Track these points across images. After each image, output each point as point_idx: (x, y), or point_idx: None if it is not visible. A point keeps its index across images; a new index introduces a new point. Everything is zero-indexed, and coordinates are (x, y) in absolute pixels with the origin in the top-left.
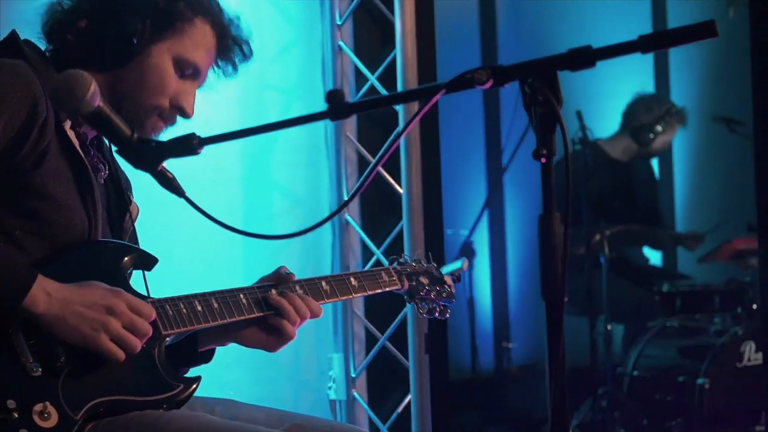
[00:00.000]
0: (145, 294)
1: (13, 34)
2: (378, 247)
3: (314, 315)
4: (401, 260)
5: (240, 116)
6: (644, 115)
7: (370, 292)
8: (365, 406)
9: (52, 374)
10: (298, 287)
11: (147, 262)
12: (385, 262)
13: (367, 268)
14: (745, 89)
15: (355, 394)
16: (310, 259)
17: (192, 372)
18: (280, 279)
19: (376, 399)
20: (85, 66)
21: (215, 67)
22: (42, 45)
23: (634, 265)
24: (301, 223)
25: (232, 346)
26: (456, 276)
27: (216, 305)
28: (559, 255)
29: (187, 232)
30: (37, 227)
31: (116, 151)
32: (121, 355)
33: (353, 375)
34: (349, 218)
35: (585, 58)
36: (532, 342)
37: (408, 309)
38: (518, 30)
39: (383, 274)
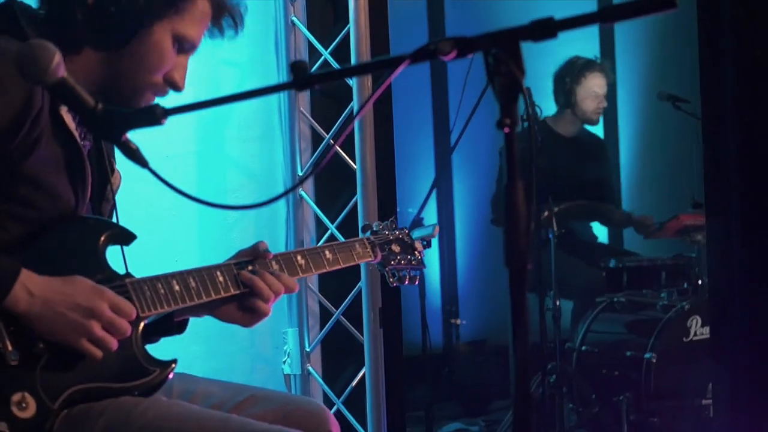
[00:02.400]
0: (124, 270)
1: (10, 4)
2: (332, 222)
3: (289, 290)
4: (374, 228)
5: (194, 91)
6: (560, 80)
7: (345, 265)
8: (320, 380)
9: (29, 363)
10: (274, 263)
11: (125, 237)
12: (340, 236)
13: (321, 243)
14: (690, 67)
15: (310, 368)
16: (265, 233)
17: (166, 354)
18: (256, 255)
19: (331, 373)
20: (89, 45)
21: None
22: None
23: (582, 242)
24: (255, 198)
25: (191, 319)
26: (426, 242)
27: (194, 284)
28: (523, 224)
29: (141, 208)
30: (23, 211)
31: (79, 122)
32: (99, 354)
33: (308, 349)
34: (303, 193)
35: (547, 28)
36: (480, 319)
37: (363, 283)
38: (465, 6)
39: (357, 246)
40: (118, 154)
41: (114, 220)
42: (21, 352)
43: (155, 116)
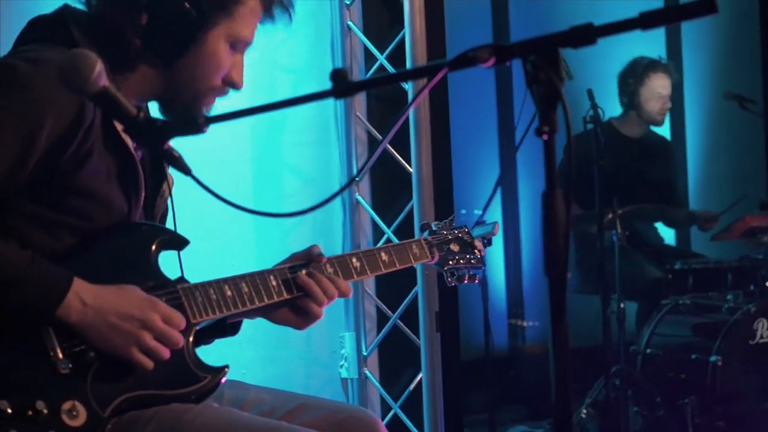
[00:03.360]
0: (180, 275)
1: (65, 12)
2: (388, 226)
3: (342, 294)
4: (432, 228)
5: (250, 97)
6: (624, 81)
7: (401, 267)
8: (377, 384)
9: (80, 371)
10: (328, 266)
11: (177, 243)
12: (396, 241)
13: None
14: (757, 66)
15: (367, 372)
16: (321, 238)
17: (223, 360)
18: (311, 258)
19: (388, 377)
20: (145, 62)
21: None
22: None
23: (648, 243)
24: (312, 203)
25: (246, 325)
26: (487, 240)
27: (246, 289)
28: (561, 232)
29: (198, 213)
30: (76, 222)
31: (122, 130)
32: (150, 365)
33: (365, 353)
34: (359, 198)
35: (586, 35)
36: (546, 320)
37: (419, 288)
38: (530, 7)
39: (414, 247)
40: None
41: (170, 223)
42: (72, 360)
43: (196, 125)
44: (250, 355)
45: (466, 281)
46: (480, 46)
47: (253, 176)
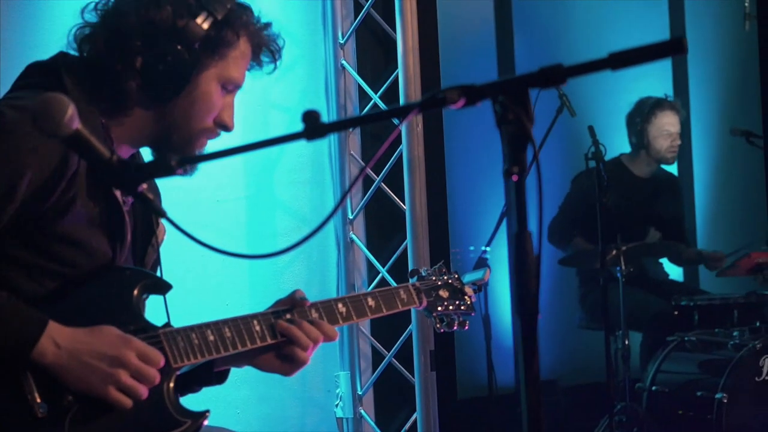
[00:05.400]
0: (166, 320)
1: (60, 59)
2: (383, 265)
3: (328, 339)
4: (422, 273)
5: (244, 135)
6: (631, 121)
7: (388, 312)
8: (372, 423)
9: (58, 415)
10: (313, 311)
11: (160, 287)
12: (390, 280)
13: (372, 286)
14: (758, 102)
15: (362, 411)
16: (316, 277)
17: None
18: (294, 303)
19: (384, 416)
20: (139, 105)
21: None
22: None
23: (653, 279)
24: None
25: None
26: (477, 287)
27: (228, 334)
28: (532, 272)
29: (191, 253)
30: (58, 268)
31: (96, 174)
32: (128, 403)
33: (360, 392)
34: (354, 236)
35: (556, 75)
36: (552, 358)
37: (413, 326)
38: (533, 41)
39: (401, 292)
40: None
41: (158, 271)
42: (49, 404)
43: (169, 167)
44: (244, 395)
45: (455, 327)
46: (449, 87)
47: (247, 214)
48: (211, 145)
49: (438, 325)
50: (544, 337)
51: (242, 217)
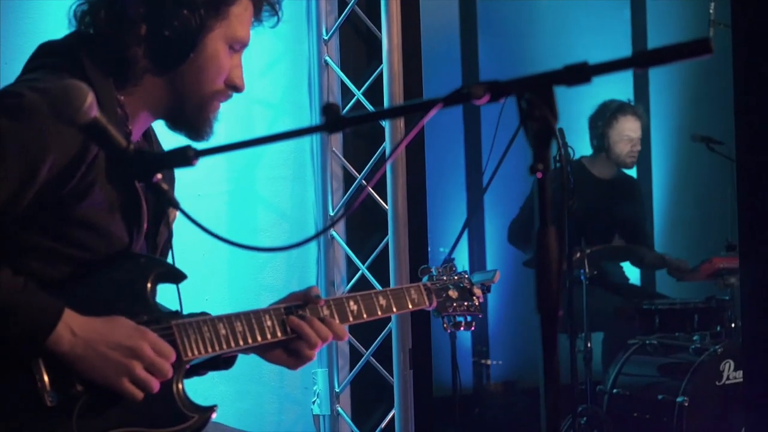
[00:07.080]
0: (178, 308)
1: (74, 39)
2: (363, 262)
3: (337, 338)
4: (432, 273)
5: (226, 131)
6: (593, 124)
7: (399, 312)
8: (349, 421)
9: (67, 404)
10: (325, 308)
11: (174, 276)
12: (370, 277)
13: (351, 283)
14: (724, 109)
15: (339, 409)
16: (295, 274)
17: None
18: (308, 299)
19: (360, 414)
20: (149, 72)
21: None
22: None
23: (613, 283)
24: (287, 238)
25: None
26: (486, 287)
27: (240, 328)
28: (554, 269)
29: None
30: (76, 252)
31: (112, 162)
32: (140, 395)
33: (337, 390)
34: (334, 233)
35: (581, 73)
36: (511, 359)
37: (392, 325)
38: (498, 47)
39: (413, 292)
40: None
41: (169, 252)
42: (59, 393)
43: (186, 158)
44: (222, 391)
45: (462, 328)
46: (475, 83)
47: (228, 210)
48: (212, 143)
49: (445, 325)
50: (504, 339)
51: (223, 212)
